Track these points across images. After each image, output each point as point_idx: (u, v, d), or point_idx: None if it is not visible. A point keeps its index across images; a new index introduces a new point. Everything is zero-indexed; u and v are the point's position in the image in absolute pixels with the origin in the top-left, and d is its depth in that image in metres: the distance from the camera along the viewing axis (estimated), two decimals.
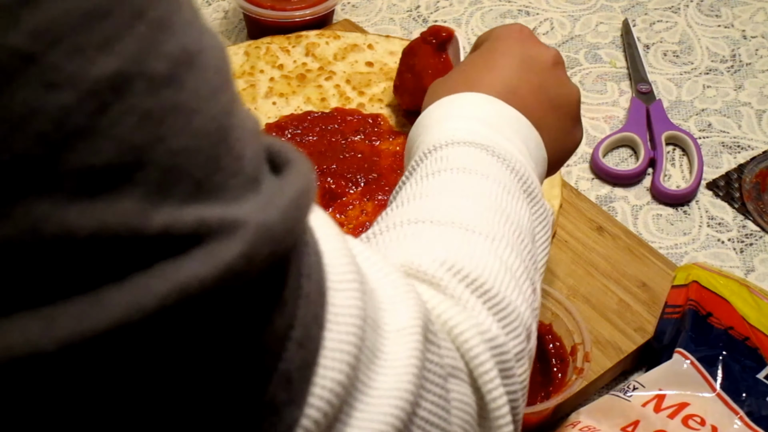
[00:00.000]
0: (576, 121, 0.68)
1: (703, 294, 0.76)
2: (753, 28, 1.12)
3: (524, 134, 0.60)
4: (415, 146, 0.60)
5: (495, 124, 0.59)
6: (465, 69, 0.66)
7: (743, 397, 0.70)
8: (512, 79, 0.63)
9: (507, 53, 0.66)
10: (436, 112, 0.61)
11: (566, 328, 0.72)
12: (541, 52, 0.66)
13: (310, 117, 0.93)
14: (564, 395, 0.68)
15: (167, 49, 0.33)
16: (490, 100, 0.61)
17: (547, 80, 0.65)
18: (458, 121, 0.59)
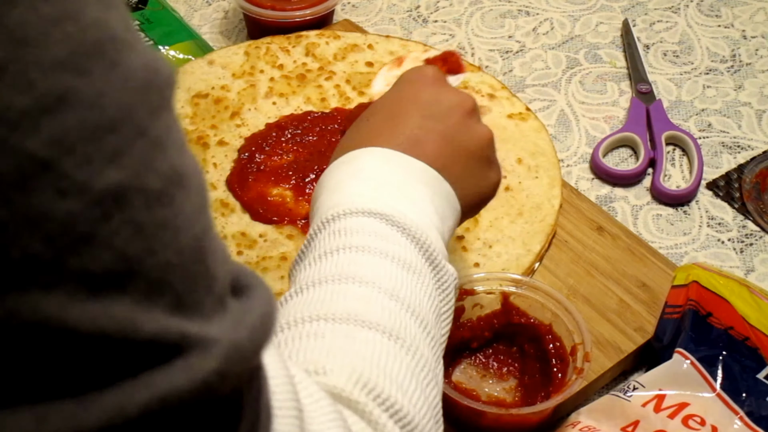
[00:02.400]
0: (489, 164, 0.66)
1: (703, 294, 0.76)
2: (753, 28, 1.12)
3: (431, 187, 0.60)
4: (316, 207, 0.60)
5: (398, 184, 0.59)
6: (369, 119, 0.65)
7: (743, 397, 0.70)
8: (416, 129, 0.62)
9: (411, 101, 0.65)
10: (337, 172, 0.61)
11: (566, 328, 0.72)
12: (452, 100, 0.65)
13: (310, 117, 0.93)
14: (564, 395, 0.68)
15: (162, 167, 0.35)
16: (392, 156, 0.60)
17: (453, 127, 0.64)
18: (358, 185, 0.58)
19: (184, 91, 0.96)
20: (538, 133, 0.93)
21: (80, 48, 0.33)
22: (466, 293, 0.74)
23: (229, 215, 0.85)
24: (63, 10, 0.33)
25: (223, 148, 0.91)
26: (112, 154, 0.34)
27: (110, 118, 0.34)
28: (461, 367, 0.75)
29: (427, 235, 0.56)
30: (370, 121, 0.65)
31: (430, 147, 0.61)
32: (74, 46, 0.33)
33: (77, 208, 0.32)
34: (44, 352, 0.32)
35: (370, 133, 0.63)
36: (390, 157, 0.60)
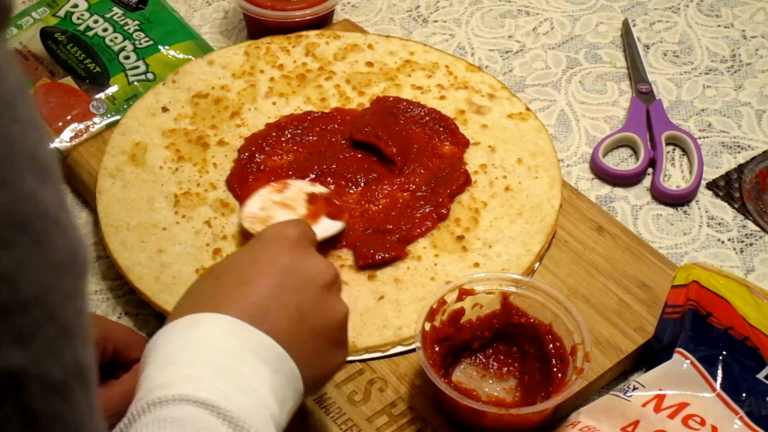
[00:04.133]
0: (338, 344, 0.62)
1: (703, 294, 0.76)
2: (753, 28, 1.12)
3: (275, 367, 0.55)
4: (143, 377, 0.54)
5: (238, 365, 0.53)
6: (219, 278, 0.60)
7: (743, 397, 0.70)
8: (267, 299, 0.58)
9: (267, 266, 0.60)
10: (174, 338, 0.55)
11: (566, 328, 0.72)
12: (311, 269, 0.61)
13: (310, 117, 0.93)
14: (564, 395, 0.68)
15: (66, 357, 0.34)
16: (237, 328, 0.55)
17: (309, 302, 0.59)
18: (192, 363, 0.53)
19: (184, 91, 0.96)
20: (538, 133, 0.93)
21: (8, 219, 0.32)
22: (466, 293, 0.74)
23: (229, 215, 0.85)
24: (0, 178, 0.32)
25: (223, 148, 0.91)
26: (18, 335, 0.33)
27: (23, 297, 0.33)
28: (461, 367, 0.75)
29: (259, 429, 0.51)
30: (220, 280, 0.60)
31: (280, 321, 0.57)
32: (2, 216, 0.32)
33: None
34: None
35: (218, 294, 0.58)
36: (233, 329, 0.55)
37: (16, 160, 0.33)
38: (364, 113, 0.93)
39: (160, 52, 1.02)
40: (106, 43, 1.02)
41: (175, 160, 0.89)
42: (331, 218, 0.82)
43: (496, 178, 0.89)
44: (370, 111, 0.93)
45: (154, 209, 0.85)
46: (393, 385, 0.74)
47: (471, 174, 0.88)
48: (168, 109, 0.94)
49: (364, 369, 0.75)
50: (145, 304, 0.80)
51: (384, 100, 0.95)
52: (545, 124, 0.95)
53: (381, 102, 0.94)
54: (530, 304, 0.74)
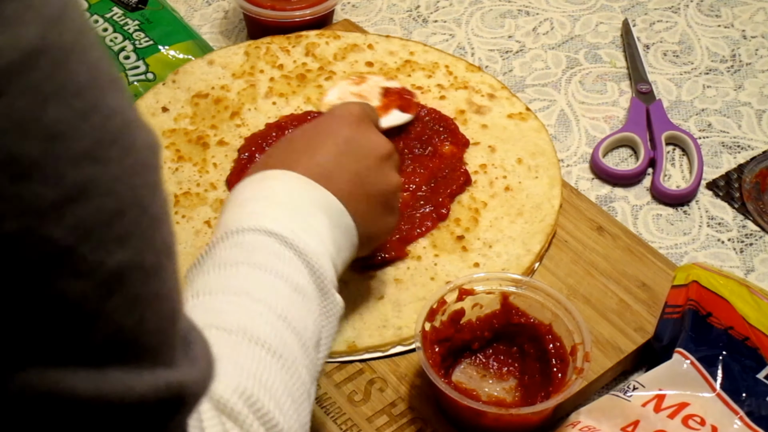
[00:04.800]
0: (390, 210, 0.70)
1: (703, 294, 0.76)
2: (753, 28, 1.12)
3: (333, 219, 0.63)
4: (223, 219, 0.62)
5: (302, 211, 0.62)
6: (290, 144, 0.69)
7: (743, 397, 0.70)
8: (330, 163, 0.66)
9: (332, 136, 0.68)
10: (249, 188, 0.64)
11: (566, 328, 0.72)
12: (370, 142, 0.69)
13: (310, 117, 0.93)
14: (564, 395, 0.68)
15: (158, 242, 0.39)
16: (303, 184, 0.64)
17: (366, 170, 0.67)
18: (265, 205, 0.62)
19: (184, 91, 0.96)
20: (538, 133, 0.93)
21: (103, 138, 0.36)
22: (466, 293, 0.74)
23: None
24: (91, 103, 0.35)
25: (223, 148, 0.91)
26: (121, 236, 0.36)
27: (121, 203, 0.36)
28: (461, 367, 0.75)
29: (321, 263, 0.60)
30: (291, 145, 0.68)
31: (341, 182, 0.65)
32: (98, 136, 0.35)
33: (88, 288, 0.35)
34: (53, 417, 0.35)
35: (288, 156, 0.66)
36: (301, 184, 0.64)
37: (101, 82, 0.36)
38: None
39: (160, 52, 1.02)
40: (105, 43, 1.02)
41: (175, 160, 0.89)
42: (401, 111, 0.90)
43: (496, 178, 0.89)
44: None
45: None
46: (393, 385, 0.74)
47: (471, 174, 0.88)
48: (168, 109, 0.94)
49: (364, 369, 0.75)
50: None
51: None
52: (545, 124, 0.95)
53: None
54: (530, 304, 0.74)
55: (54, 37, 0.34)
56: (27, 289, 0.34)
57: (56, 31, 0.34)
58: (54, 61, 0.34)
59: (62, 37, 0.35)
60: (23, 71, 0.33)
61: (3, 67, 0.32)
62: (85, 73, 0.35)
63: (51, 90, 0.34)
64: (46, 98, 0.34)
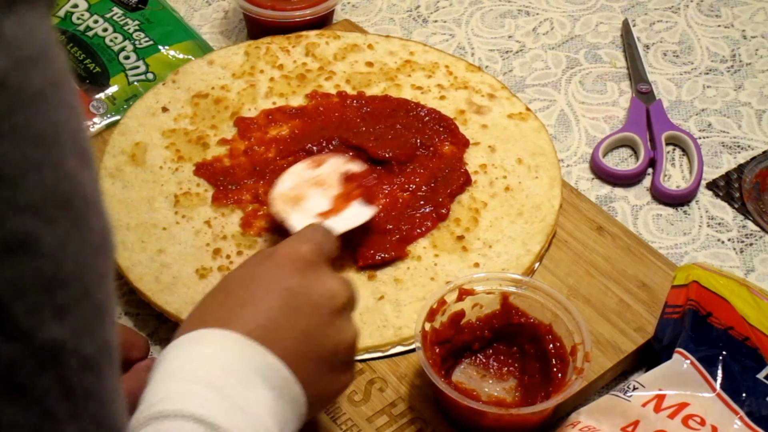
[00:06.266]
0: (344, 368, 0.62)
1: (703, 294, 0.76)
2: (753, 28, 1.12)
3: (278, 390, 0.55)
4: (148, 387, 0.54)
5: (238, 386, 0.53)
6: (228, 294, 0.60)
7: (743, 397, 0.70)
8: (276, 319, 0.57)
9: (277, 286, 0.59)
10: (181, 352, 0.55)
11: (566, 328, 0.72)
12: (322, 292, 0.60)
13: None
14: (564, 395, 0.68)
15: (99, 335, 0.36)
16: (242, 347, 0.55)
17: (317, 326, 0.59)
18: (195, 379, 0.53)
19: (184, 91, 0.96)
20: (538, 133, 0.93)
21: (52, 197, 0.34)
22: (466, 293, 0.74)
23: (229, 215, 0.85)
24: (45, 157, 0.34)
25: (223, 148, 0.91)
26: (59, 309, 0.34)
27: (64, 273, 0.34)
28: (461, 367, 0.75)
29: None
30: (230, 296, 0.59)
31: (287, 343, 0.56)
32: (47, 193, 0.34)
33: (18, 355, 0.33)
34: None
35: (226, 311, 0.58)
36: (239, 348, 0.55)
37: (62, 142, 0.35)
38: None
39: (160, 52, 1.02)
40: (106, 43, 1.02)
41: (175, 160, 0.89)
42: (364, 202, 0.80)
43: (496, 178, 0.89)
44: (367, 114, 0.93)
45: (154, 209, 0.85)
46: (393, 385, 0.74)
47: (471, 174, 0.88)
48: (168, 109, 0.94)
49: (364, 369, 0.75)
50: (145, 304, 0.80)
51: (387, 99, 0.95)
52: (545, 124, 0.95)
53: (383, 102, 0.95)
54: (530, 304, 0.74)
55: (19, 78, 0.33)
56: None
57: (24, 73, 0.33)
58: (13, 101, 0.33)
59: (29, 81, 0.33)
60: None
61: None
62: (47, 126, 0.34)
63: (3, 129, 0.32)
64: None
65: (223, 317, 0.57)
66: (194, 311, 0.60)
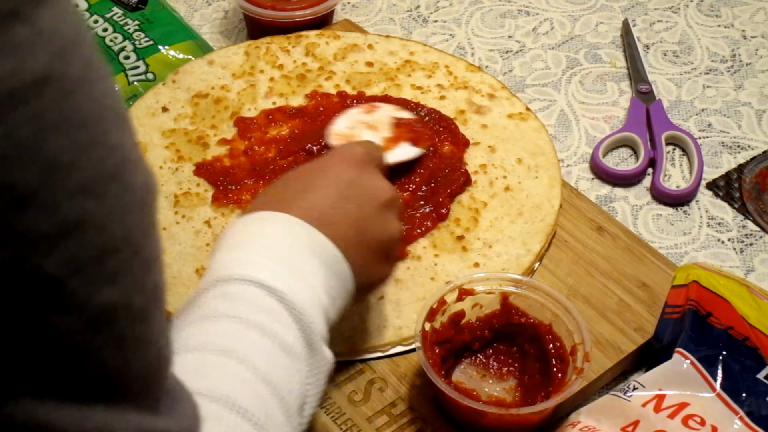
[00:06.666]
0: (388, 259, 0.67)
1: (703, 294, 0.76)
2: (753, 28, 1.12)
3: (330, 267, 0.60)
4: (214, 259, 0.59)
5: (297, 259, 0.58)
6: (289, 184, 0.65)
7: (743, 397, 0.70)
8: (330, 207, 0.62)
9: (333, 178, 0.65)
10: (244, 230, 0.61)
11: (566, 328, 0.72)
12: (373, 187, 0.66)
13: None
14: (564, 395, 0.68)
15: (148, 285, 0.39)
16: (300, 228, 0.60)
17: (367, 215, 0.64)
18: (258, 251, 0.58)
19: (184, 91, 0.96)
20: (538, 133, 0.93)
21: (101, 173, 0.35)
22: (466, 293, 0.74)
23: (229, 215, 0.85)
24: (94, 137, 0.35)
25: (223, 148, 0.91)
26: (111, 274, 0.36)
27: (114, 240, 0.36)
28: (461, 367, 0.75)
29: (312, 318, 0.56)
30: (288, 185, 0.65)
31: (340, 228, 0.62)
32: (97, 171, 0.35)
33: (75, 324, 0.35)
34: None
35: (285, 197, 0.63)
36: (296, 228, 0.60)
37: (104, 118, 0.36)
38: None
39: (160, 52, 1.02)
40: (106, 43, 1.02)
41: (175, 160, 0.89)
42: (412, 144, 0.86)
43: (496, 178, 0.89)
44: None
45: None
46: (393, 385, 0.74)
47: (471, 174, 0.88)
48: (168, 109, 0.94)
49: (364, 369, 0.75)
50: None
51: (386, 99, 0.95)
52: (545, 124, 0.95)
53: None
54: (530, 304, 0.74)
55: (61, 68, 0.34)
56: (15, 321, 0.34)
57: (64, 62, 0.34)
58: (60, 91, 0.34)
59: (70, 68, 0.34)
60: (28, 99, 0.33)
61: (6, 94, 0.32)
62: (90, 106, 0.35)
63: (54, 120, 0.33)
64: (48, 128, 0.33)
65: (283, 202, 0.62)
66: (257, 198, 0.66)
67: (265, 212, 0.62)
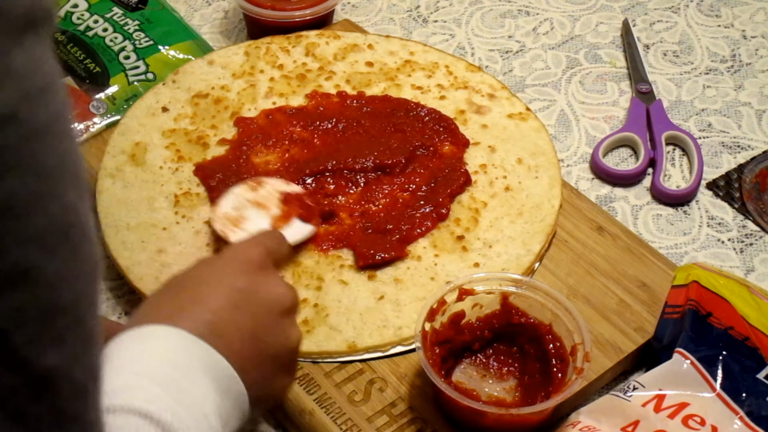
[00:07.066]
0: (286, 370, 0.63)
1: (703, 294, 0.76)
2: (753, 28, 1.12)
3: (223, 387, 0.56)
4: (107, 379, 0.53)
5: (187, 381, 0.54)
6: (177, 292, 0.61)
7: (743, 397, 0.70)
8: (222, 319, 0.58)
9: (226, 286, 0.60)
10: (129, 346, 0.56)
11: (566, 328, 0.72)
12: (269, 294, 0.62)
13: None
14: (564, 395, 0.68)
15: (88, 361, 0.37)
16: (188, 344, 0.56)
17: (262, 327, 0.60)
18: (142, 374, 0.53)
19: (184, 91, 0.96)
20: (538, 133, 0.93)
21: (55, 228, 0.34)
22: (466, 293, 0.74)
23: None
24: (50, 189, 0.34)
25: (223, 148, 0.91)
26: (56, 337, 0.35)
27: (62, 302, 0.35)
28: (461, 367, 0.75)
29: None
30: (178, 294, 0.61)
31: (234, 342, 0.58)
32: (50, 225, 0.34)
33: (17, 383, 0.34)
34: None
35: (175, 308, 0.59)
36: (186, 345, 0.56)
37: (64, 174, 0.35)
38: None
39: (160, 52, 1.02)
40: (106, 43, 1.02)
41: (175, 160, 0.89)
42: (303, 220, 0.81)
43: (496, 178, 0.89)
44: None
45: (154, 209, 0.85)
46: (393, 385, 0.74)
47: (471, 174, 0.88)
48: (168, 109, 0.94)
49: (364, 369, 0.75)
50: None
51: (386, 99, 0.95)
52: (545, 124, 0.95)
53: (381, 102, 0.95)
54: (530, 304, 0.74)
55: (27, 111, 0.33)
56: None
57: (31, 106, 0.33)
58: (21, 134, 0.33)
59: (35, 114, 0.33)
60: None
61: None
62: (51, 159, 0.34)
63: (11, 162, 0.33)
64: (4, 169, 0.32)
65: (172, 314, 0.58)
66: (144, 306, 0.61)
67: (152, 326, 0.57)
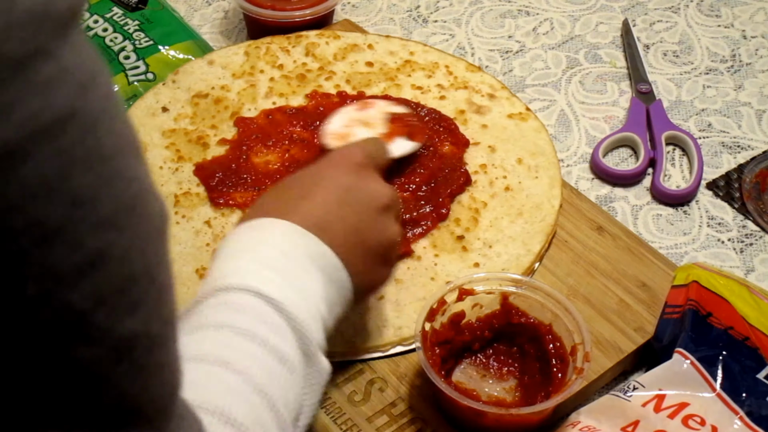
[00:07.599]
0: (386, 262, 0.67)
1: (703, 294, 0.76)
2: (753, 28, 1.12)
3: (328, 275, 0.60)
4: (213, 267, 0.60)
5: (295, 267, 0.59)
6: (287, 190, 0.66)
7: (743, 397, 0.70)
8: (328, 213, 0.63)
9: (331, 183, 0.65)
10: (242, 237, 0.61)
11: (566, 328, 0.72)
12: (371, 191, 0.66)
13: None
14: (564, 395, 0.68)
15: (164, 312, 0.39)
16: (298, 236, 0.60)
17: (365, 220, 0.64)
18: (257, 260, 0.59)
19: (184, 91, 0.96)
20: (538, 133, 0.93)
21: (122, 205, 0.36)
22: (466, 293, 0.74)
23: (229, 215, 0.85)
24: (115, 170, 0.36)
25: (223, 148, 0.91)
26: (132, 304, 0.37)
27: (134, 270, 0.37)
28: (461, 367, 0.75)
29: (310, 328, 0.57)
30: (287, 191, 0.65)
31: (338, 234, 0.62)
32: (118, 203, 0.36)
33: (98, 354, 0.36)
34: None
35: (284, 204, 0.63)
36: (295, 236, 0.60)
37: (122, 149, 0.36)
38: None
39: (160, 52, 1.02)
40: (106, 43, 1.02)
41: (175, 160, 0.89)
42: (408, 138, 0.86)
43: (496, 178, 0.89)
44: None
45: None
46: (393, 385, 0.74)
47: (471, 174, 0.88)
48: (168, 109, 0.94)
49: (364, 369, 0.75)
50: None
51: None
52: (545, 124, 0.95)
53: None
54: (530, 304, 0.74)
55: (84, 103, 0.34)
56: (41, 353, 0.34)
57: (86, 97, 0.34)
58: (82, 127, 0.34)
59: (91, 102, 0.35)
60: (53, 136, 0.33)
61: (33, 131, 0.32)
62: (111, 140, 0.35)
63: (78, 156, 0.34)
64: (73, 164, 0.34)
65: (282, 209, 0.62)
66: (256, 203, 0.66)
67: (264, 219, 0.62)
